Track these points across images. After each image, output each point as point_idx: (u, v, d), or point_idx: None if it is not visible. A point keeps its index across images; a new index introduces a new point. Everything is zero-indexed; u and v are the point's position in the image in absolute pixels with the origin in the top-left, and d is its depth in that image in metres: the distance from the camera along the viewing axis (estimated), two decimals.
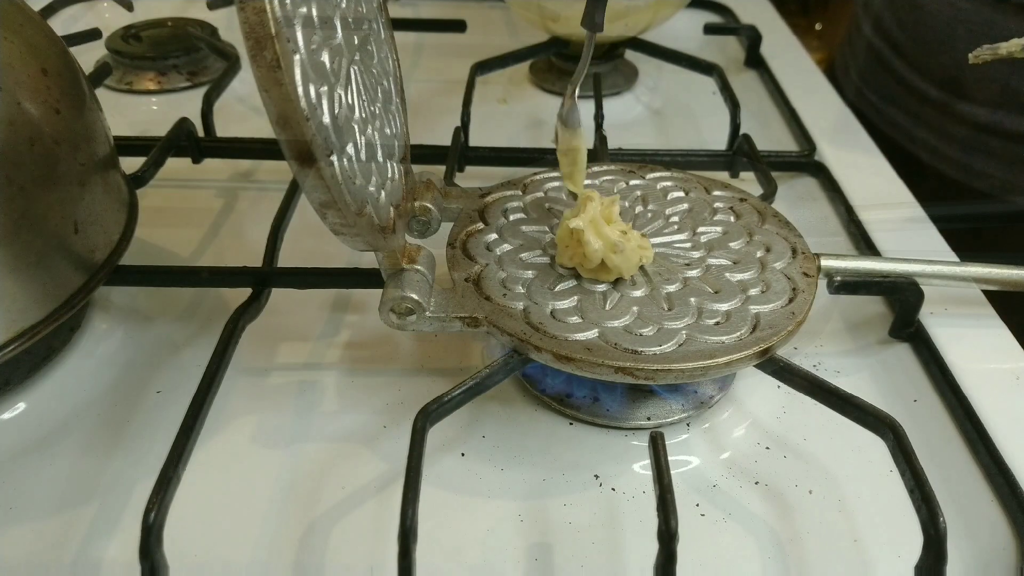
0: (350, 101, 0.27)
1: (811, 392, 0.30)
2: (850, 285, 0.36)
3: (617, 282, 0.32)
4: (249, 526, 0.29)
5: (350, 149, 0.26)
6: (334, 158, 0.25)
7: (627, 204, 0.37)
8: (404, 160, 0.34)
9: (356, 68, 0.28)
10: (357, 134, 0.27)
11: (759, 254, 0.34)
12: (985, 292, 0.39)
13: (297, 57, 0.23)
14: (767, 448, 0.32)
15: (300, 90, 0.23)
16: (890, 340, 0.38)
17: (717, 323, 0.31)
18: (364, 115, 0.29)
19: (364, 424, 0.33)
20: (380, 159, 0.30)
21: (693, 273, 0.33)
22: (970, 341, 0.36)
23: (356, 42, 0.29)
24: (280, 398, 0.34)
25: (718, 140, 0.51)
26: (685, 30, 0.69)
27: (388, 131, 0.32)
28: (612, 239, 0.31)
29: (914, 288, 0.36)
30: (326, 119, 0.24)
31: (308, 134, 0.23)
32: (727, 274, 0.33)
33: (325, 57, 0.25)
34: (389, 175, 0.31)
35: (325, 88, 0.25)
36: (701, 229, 0.36)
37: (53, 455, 0.31)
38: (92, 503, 0.29)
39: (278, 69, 0.22)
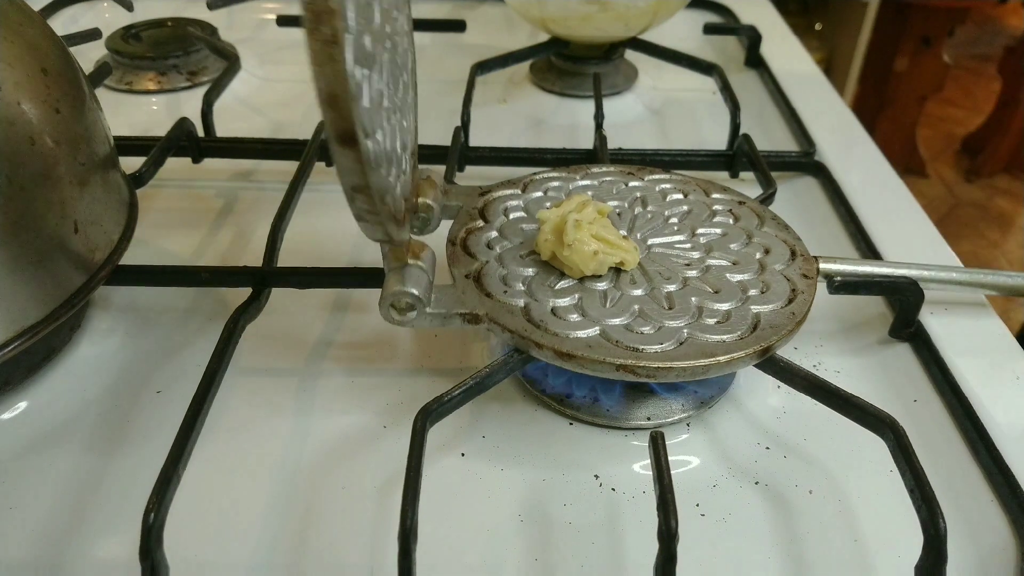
0: (380, 88, 0.27)
1: (811, 392, 0.30)
2: (850, 285, 0.36)
3: (617, 280, 0.33)
4: (249, 526, 0.29)
5: (379, 136, 0.26)
6: (370, 142, 0.25)
7: (626, 205, 0.37)
8: (414, 155, 0.34)
9: (386, 56, 0.28)
10: (384, 122, 0.27)
11: (758, 256, 0.34)
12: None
13: (349, 36, 0.23)
14: (767, 448, 0.32)
15: (349, 69, 0.23)
16: (890, 340, 0.38)
17: (718, 322, 0.31)
18: (389, 104, 0.28)
19: (364, 424, 0.33)
20: (398, 151, 0.30)
21: (693, 273, 0.33)
22: (970, 341, 0.36)
23: (388, 31, 0.28)
24: (280, 398, 0.34)
25: (718, 140, 0.51)
26: (685, 30, 0.69)
27: (404, 124, 0.32)
28: (567, 237, 0.32)
29: (914, 288, 0.36)
30: (365, 102, 0.24)
31: (354, 114, 0.23)
32: (727, 275, 0.33)
33: (367, 40, 0.25)
34: (403, 167, 0.31)
35: (366, 71, 0.25)
36: (700, 231, 0.36)
37: (53, 455, 0.31)
38: (92, 503, 0.29)
39: (335, 45, 0.22)
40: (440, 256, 0.33)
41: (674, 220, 0.36)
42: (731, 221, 0.36)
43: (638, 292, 0.32)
